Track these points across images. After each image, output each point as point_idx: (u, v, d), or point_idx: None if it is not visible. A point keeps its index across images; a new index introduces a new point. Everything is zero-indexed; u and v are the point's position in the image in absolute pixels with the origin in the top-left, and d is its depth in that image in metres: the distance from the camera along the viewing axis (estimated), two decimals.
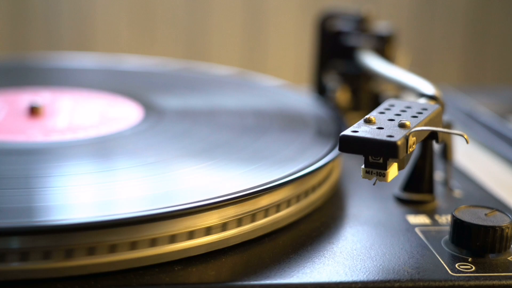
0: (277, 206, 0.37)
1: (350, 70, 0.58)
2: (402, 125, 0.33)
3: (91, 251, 0.31)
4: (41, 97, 0.54)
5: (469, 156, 0.53)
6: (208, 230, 0.34)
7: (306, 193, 0.39)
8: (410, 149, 0.33)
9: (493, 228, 0.34)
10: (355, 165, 0.47)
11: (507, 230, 0.34)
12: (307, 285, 0.32)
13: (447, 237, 0.36)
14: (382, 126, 0.33)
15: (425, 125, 0.35)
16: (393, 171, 0.33)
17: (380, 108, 0.36)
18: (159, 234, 0.33)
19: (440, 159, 0.45)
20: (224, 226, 0.35)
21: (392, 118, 0.34)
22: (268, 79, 0.67)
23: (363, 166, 0.33)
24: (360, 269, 0.33)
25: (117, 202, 0.35)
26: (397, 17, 1.22)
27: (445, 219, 0.39)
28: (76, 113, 0.51)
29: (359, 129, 0.33)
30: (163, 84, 0.62)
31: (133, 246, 0.32)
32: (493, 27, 1.27)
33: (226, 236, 0.35)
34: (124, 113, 0.51)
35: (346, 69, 0.58)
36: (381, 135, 0.32)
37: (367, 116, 0.34)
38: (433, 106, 0.37)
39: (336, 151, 0.41)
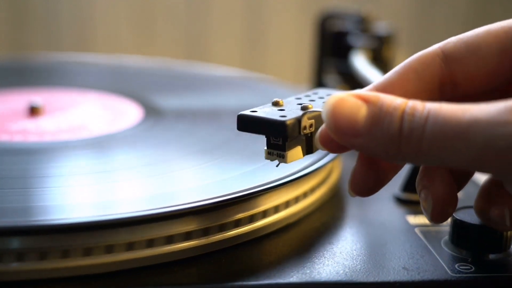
0: (277, 207, 0.37)
1: (350, 70, 0.57)
2: (303, 108, 0.33)
3: (87, 252, 0.31)
4: (41, 97, 0.54)
5: None
6: (207, 231, 0.34)
7: (306, 194, 0.39)
8: (305, 131, 0.32)
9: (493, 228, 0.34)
10: None
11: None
12: (307, 285, 0.32)
13: (446, 237, 0.36)
14: (285, 109, 0.33)
15: None
16: (294, 153, 0.33)
17: (301, 94, 0.36)
18: (156, 234, 0.33)
19: None
20: (223, 227, 0.35)
21: (302, 103, 0.34)
22: (268, 79, 0.67)
23: (265, 147, 0.33)
24: (359, 269, 0.33)
25: (115, 202, 0.35)
26: (397, 17, 1.22)
27: None
28: (75, 113, 0.51)
29: (260, 110, 0.33)
30: (163, 84, 0.62)
31: (130, 247, 0.32)
32: None
33: (226, 236, 0.34)
34: (124, 113, 0.51)
35: (346, 69, 0.58)
36: (276, 115, 0.32)
37: (276, 99, 0.34)
38: None
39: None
